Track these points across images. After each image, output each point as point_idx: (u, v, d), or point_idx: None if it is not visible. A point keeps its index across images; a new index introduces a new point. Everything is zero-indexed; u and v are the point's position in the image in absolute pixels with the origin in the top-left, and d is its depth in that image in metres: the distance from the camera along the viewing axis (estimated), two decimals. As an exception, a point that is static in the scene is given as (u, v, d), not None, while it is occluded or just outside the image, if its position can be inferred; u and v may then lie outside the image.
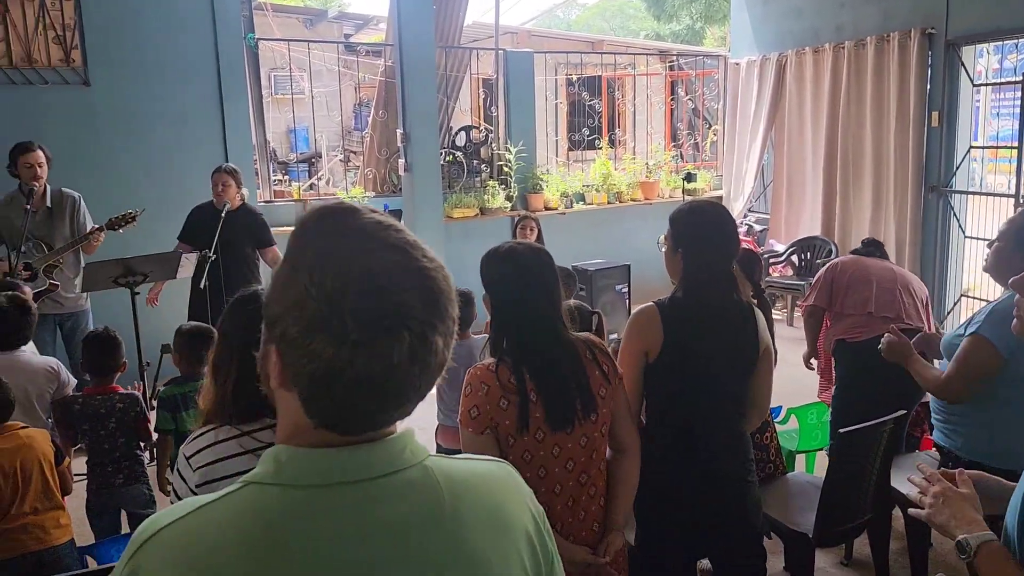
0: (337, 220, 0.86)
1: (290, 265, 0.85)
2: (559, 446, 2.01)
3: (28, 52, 5.63)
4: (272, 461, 0.87)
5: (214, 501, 0.85)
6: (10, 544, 2.65)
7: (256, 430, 1.76)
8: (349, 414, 0.84)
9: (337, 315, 0.80)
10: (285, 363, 0.84)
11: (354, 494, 0.85)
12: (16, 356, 3.19)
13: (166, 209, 5.36)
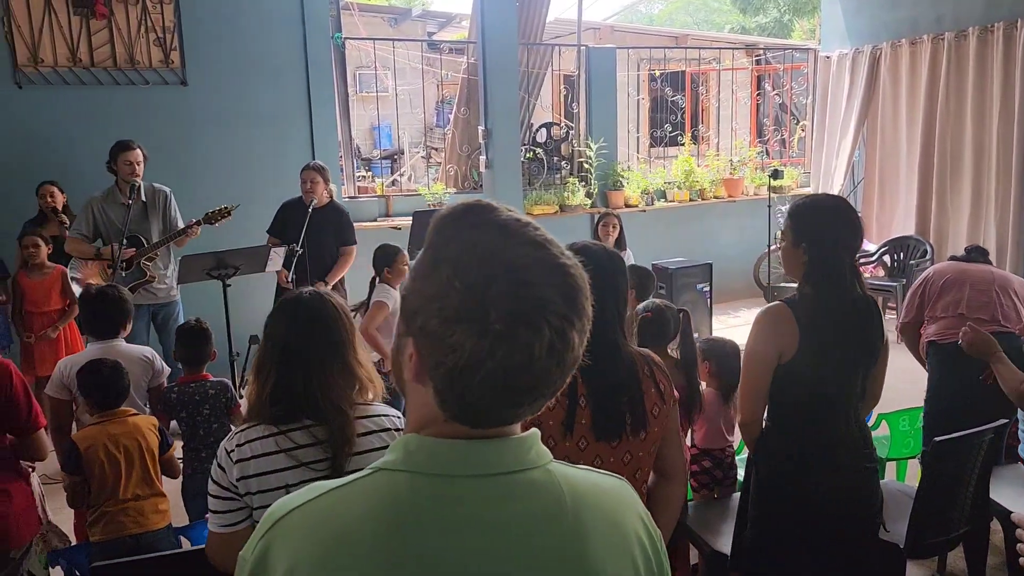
0: (478, 215, 0.87)
1: (431, 258, 0.87)
2: (600, 458, 1.94)
3: (131, 54, 5.90)
4: (401, 449, 0.89)
5: (344, 485, 0.88)
6: (112, 526, 2.78)
7: (292, 429, 1.80)
8: (484, 407, 0.85)
9: (480, 306, 0.81)
10: (423, 356, 0.85)
11: (481, 487, 0.86)
12: (113, 345, 3.32)
13: (256, 204, 5.53)
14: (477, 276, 0.82)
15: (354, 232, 5.40)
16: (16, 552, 2.66)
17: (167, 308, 5.06)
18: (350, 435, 1.80)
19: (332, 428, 1.79)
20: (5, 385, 2.56)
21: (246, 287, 5.20)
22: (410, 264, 3.69)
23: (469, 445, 0.87)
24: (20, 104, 5.55)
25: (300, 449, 1.78)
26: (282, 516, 0.87)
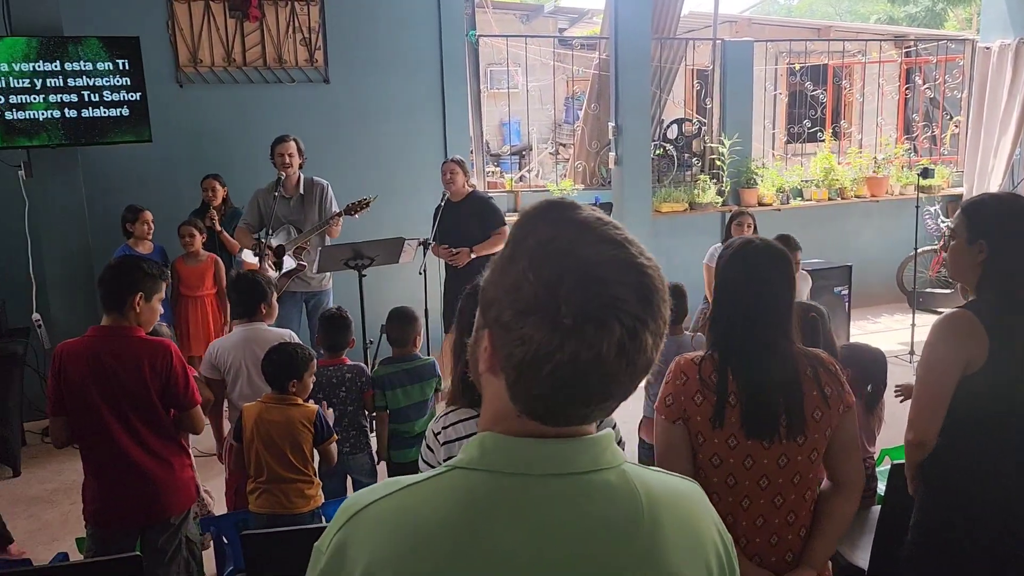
0: (559, 212, 0.88)
1: (510, 252, 0.88)
2: (752, 457, 1.88)
3: (279, 54, 6.22)
4: (477, 447, 0.89)
5: (420, 482, 0.89)
6: (261, 501, 2.96)
7: None
8: (552, 402, 0.85)
9: (552, 300, 0.81)
10: (496, 347, 0.86)
11: (556, 487, 0.86)
12: (256, 327, 3.51)
13: (393, 197, 5.71)
14: (551, 270, 0.82)
15: (501, 215, 5.44)
16: (176, 518, 2.88)
17: (318, 296, 5.30)
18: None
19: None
20: (166, 363, 2.77)
21: (381, 278, 5.38)
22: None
23: (544, 444, 0.86)
24: (181, 102, 5.96)
25: None
26: (359, 511, 0.87)
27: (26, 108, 5.07)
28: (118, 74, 5.25)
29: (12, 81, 5.01)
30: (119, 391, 2.72)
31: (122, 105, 5.29)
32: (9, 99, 5.01)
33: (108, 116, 5.26)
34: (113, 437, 2.75)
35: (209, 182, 5.55)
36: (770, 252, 1.95)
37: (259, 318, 3.52)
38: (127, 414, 2.75)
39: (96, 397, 2.71)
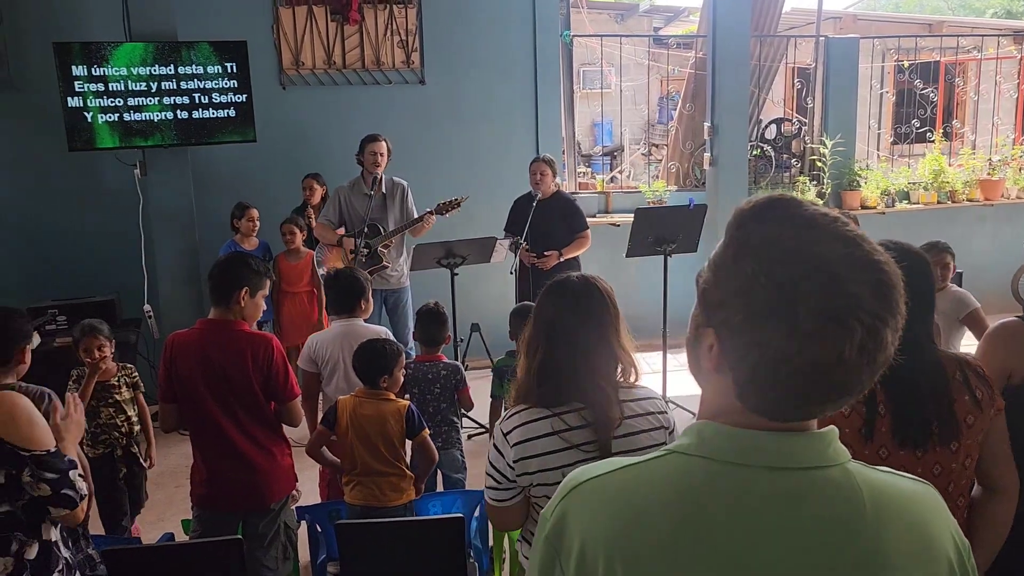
0: (783, 209, 0.86)
1: (733, 252, 0.86)
2: (905, 468, 1.79)
3: (377, 56, 6.36)
4: (695, 434, 0.90)
5: (639, 463, 0.90)
6: (355, 493, 3.02)
7: (564, 412, 1.83)
8: (787, 403, 0.84)
9: (787, 303, 0.80)
10: (725, 349, 0.86)
11: (776, 480, 0.85)
12: (353, 323, 3.59)
13: (483, 197, 5.75)
14: (784, 272, 0.81)
15: (584, 218, 5.46)
16: (276, 504, 2.97)
17: (398, 294, 5.40)
18: (613, 416, 1.82)
19: (595, 409, 1.82)
20: (268, 357, 2.86)
21: (472, 277, 5.43)
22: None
23: (767, 436, 0.86)
24: (284, 103, 6.17)
25: (572, 431, 1.82)
26: (579, 484, 0.90)
27: (142, 110, 5.35)
28: (226, 77, 5.47)
29: (130, 84, 5.29)
30: (224, 382, 2.83)
31: (229, 106, 5.51)
32: (127, 101, 5.30)
33: (216, 117, 5.49)
34: (218, 425, 2.86)
35: (308, 181, 5.72)
36: (908, 251, 1.88)
37: (356, 314, 3.60)
38: (231, 403, 2.85)
39: (203, 386, 2.83)
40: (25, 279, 5.72)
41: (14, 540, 1.95)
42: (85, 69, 5.18)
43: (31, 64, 5.67)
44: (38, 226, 5.85)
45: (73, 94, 5.18)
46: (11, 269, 5.77)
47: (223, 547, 2.41)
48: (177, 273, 5.59)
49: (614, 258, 5.39)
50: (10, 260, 5.79)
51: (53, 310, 5.01)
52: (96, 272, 5.78)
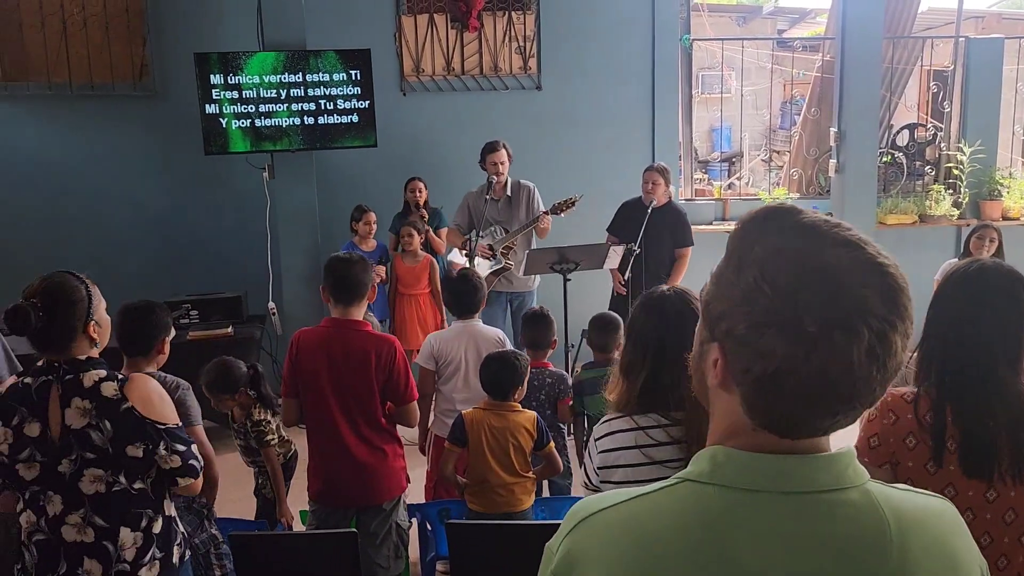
0: (783, 219, 0.85)
1: (735, 262, 0.85)
2: (972, 510, 1.65)
3: (495, 62, 6.44)
4: (708, 460, 0.86)
5: (649, 493, 0.87)
6: (485, 500, 3.02)
7: (650, 428, 1.81)
8: (797, 415, 0.81)
9: (791, 310, 0.78)
10: (730, 361, 0.83)
11: (795, 505, 0.81)
12: (471, 324, 3.63)
13: (596, 203, 5.71)
14: (787, 279, 0.79)
15: (691, 234, 5.38)
16: (388, 504, 3.03)
17: (523, 297, 5.42)
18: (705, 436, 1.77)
19: (690, 428, 1.79)
20: (391, 358, 2.93)
21: (585, 283, 5.40)
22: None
23: (781, 460, 0.82)
24: (404, 109, 6.33)
25: (657, 447, 1.80)
26: (587, 516, 0.87)
27: (272, 116, 5.60)
28: (350, 84, 5.66)
29: (262, 92, 5.56)
30: (345, 380, 2.91)
31: (352, 112, 5.69)
32: (259, 108, 5.56)
33: (340, 123, 5.69)
34: (335, 422, 2.94)
35: (415, 183, 5.83)
36: (1004, 272, 1.74)
37: (476, 315, 3.65)
38: (349, 401, 2.93)
39: (325, 383, 2.92)
40: (162, 274, 6.08)
41: (144, 516, 2.07)
42: (222, 77, 5.47)
43: (173, 74, 6.04)
44: (175, 225, 6.22)
45: (210, 101, 5.47)
46: (149, 264, 6.15)
47: (338, 540, 2.48)
48: (300, 272, 5.82)
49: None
50: (149, 256, 6.17)
51: (187, 304, 5.31)
52: (226, 270, 6.09)
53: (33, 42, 5.94)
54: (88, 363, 2.04)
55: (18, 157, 5.96)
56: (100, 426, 1.98)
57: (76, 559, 2.01)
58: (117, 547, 2.02)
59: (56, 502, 2.01)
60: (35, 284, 2.03)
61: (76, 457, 1.99)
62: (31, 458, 2.00)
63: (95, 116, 6.06)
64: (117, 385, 2.02)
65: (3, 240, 5.58)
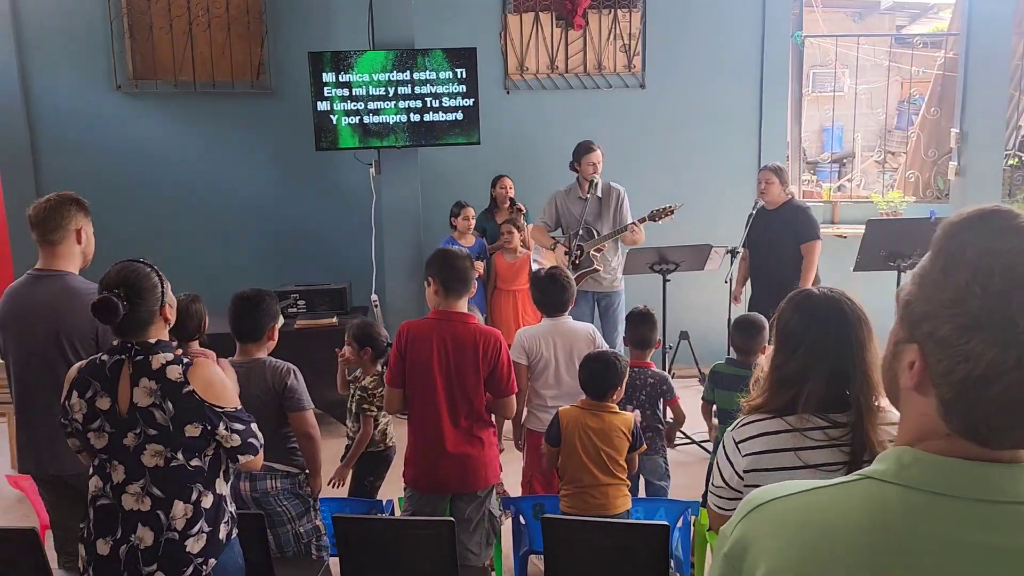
0: (1000, 220, 0.82)
1: (942, 263, 0.82)
2: None
3: (599, 60, 6.42)
4: (893, 460, 0.84)
5: (828, 486, 0.86)
6: (582, 502, 3.02)
7: (807, 429, 1.75)
8: (997, 422, 0.78)
9: (1003, 314, 0.76)
10: (930, 364, 0.81)
11: (985, 514, 0.78)
12: (562, 321, 3.64)
13: (701, 203, 5.62)
14: (1001, 282, 0.76)
15: (816, 227, 5.15)
16: (482, 492, 3.08)
17: (610, 297, 5.40)
18: (873, 441, 1.72)
19: (855, 432, 1.74)
20: (496, 351, 2.97)
21: (683, 284, 5.32)
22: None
23: (975, 466, 0.79)
24: (507, 107, 6.39)
25: (812, 451, 1.76)
26: (763, 503, 0.88)
27: (379, 113, 5.75)
28: (456, 82, 5.75)
29: (371, 89, 5.72)
30: (453, 371, 2.97)
31: (457, 110, 5.78)
32: (368, 105, 5.72)
33: (445, 120, 5.79)
34: (438, 411, 3.00)
35: (504, 180, 5.87)
36: None
37: (565, 313, 3.65)
38: (455, 393, 2.98)
39: (434, 374, 2.98)
40: (271, 264, 6.34)
41: (195, 490, 2.18)
42: (334, 76, 5.66)
43: (287, 73, 6.29)
44: (285, 218, 6.47)
45: (322, 99, 5.67)
46: (259, 254, 6.43)
47: (436, 527, 2.53)
48: (402, 266, 5.95)
49: (839, 271, 5.06)
50: (259, 246, 6.45)
51: (295, 295, 5.51)
52: (331, 262, 6.30)
53: (162, 42, 6.30)
54: (157, 346, 2.19)
55: (143, 150, 6.33)
56: (163, 406, 2.12)
57: (131, 525, 2.15)
58: (169, 517, 2.15)
59: (120, 471, 2.16)
60: (112, 274, 2.17)
61: (140, 432, 2.14)
62: (101, 428, 2.16)
63: (215, 113, 6.37)
64: (181, 369, 2.15)
65: (126, 228, 5.92)
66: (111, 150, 6.29)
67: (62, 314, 2.77)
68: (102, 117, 6.28)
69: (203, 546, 2.17)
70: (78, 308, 2.70)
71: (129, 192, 6.28)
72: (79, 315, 2.69)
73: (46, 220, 2.82)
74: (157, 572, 2.13)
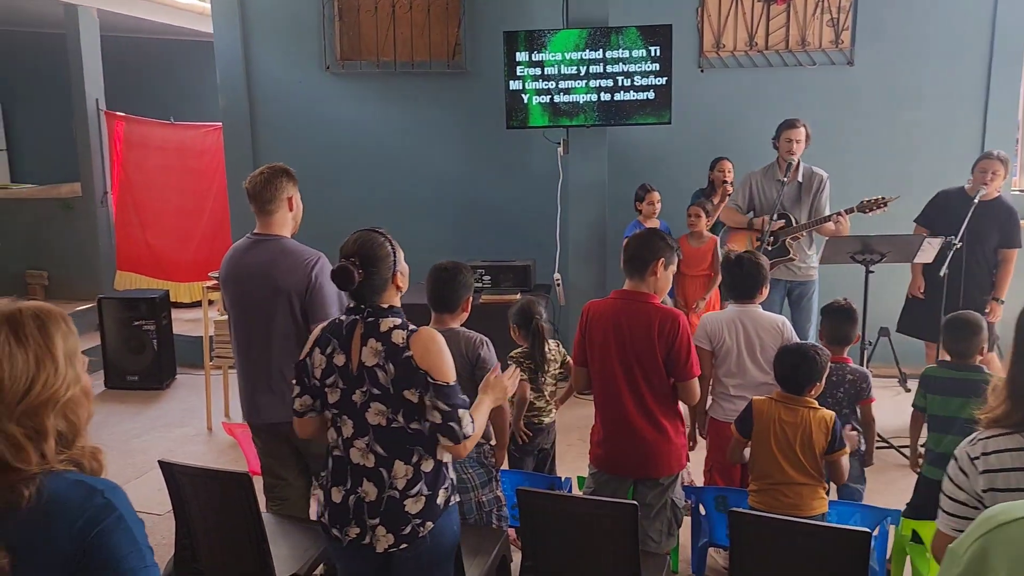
0: None
1: None
2: None
3: (803, 36, 6.06)
4: None
5: None
6: (772, 500, 2.89)
7: None
8: None
9: None
10: None
11: None
12: (749, 308, 3.47)
13: (911, 192, 5.18)
14: None
15: (1020, 233, 4.74)
16: (665, 479, 3.02)
17: (803, 287, 5.13)
18: None
19: None
20: (674, 331, 2.90)
21: (885, 276, 4.94)
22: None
23: None
24: (701, 86, 6.18)
25: None
26: (1005, 522, 0.81)
27: (570, 92, 5.74)
28: (649, 60, 5.63)
29: (562, 68, 5.72)
30: (630, 350, 2.93)
31: (649, 89, 5.67)
32: (559, 84, 5.73)
33: (635, 99, 5.69)
34: (619, 391, 2.98)
35: (723, 163, 5.68)
36: None
37: (754, 300, 3.49)
38: (635, 373, 2.94)
39: (612, 353, 2.96)
40: (458, 239, 6.53)
41: (416, 452, 2.25)
42: (527, 55, 5.71)
43: (481, 53, 6.42)
44: (474, 193, 6.64)
45: (515, 78, 5.74)
46: (448, 229, 6.64)
47: (619, 510, 2.50)
48: (585, 246, 5.94)
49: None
50: (448, 221, 6.65)
51: (480, 270, 5.65)
52: (517, 239, 6.40)
53: (367, 24, 6.62)
54: (388, 311, 2.27)
55: (345, 127, 6.70)
56: (385, 367, 2.20)
57: (358, 479, 2.26)
58: (390, 475, 2.23)
59: (348, 426, 2.27)
60: (350, 243, 2.27)
61: (366, 390, 2.23)
62: (335, 384, 2.27)
63: (412, 92, 6.63)
64: (406, 335, 2.22)
65: (331, 199, 6.32)
66: (319, 126, 6.71)
67: (278, 273, 3.01)
68: (312, 96, 6.71)
69: (421, 508, 2.25)
70: (292, 267, 2.99)
71: (335, 165, 6.68)
72: (293, 273, 2.98)
73: (262, 193, 3.06)
74: (379, 526, 2.24)
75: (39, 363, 1.30)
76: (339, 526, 2.29)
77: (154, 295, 6.40)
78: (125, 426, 5.54)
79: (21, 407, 1.27)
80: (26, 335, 1.31)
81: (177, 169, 7.87)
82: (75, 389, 1.34)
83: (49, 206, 8.17)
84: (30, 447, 1.26)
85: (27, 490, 1.24)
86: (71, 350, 1.36)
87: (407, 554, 2.26)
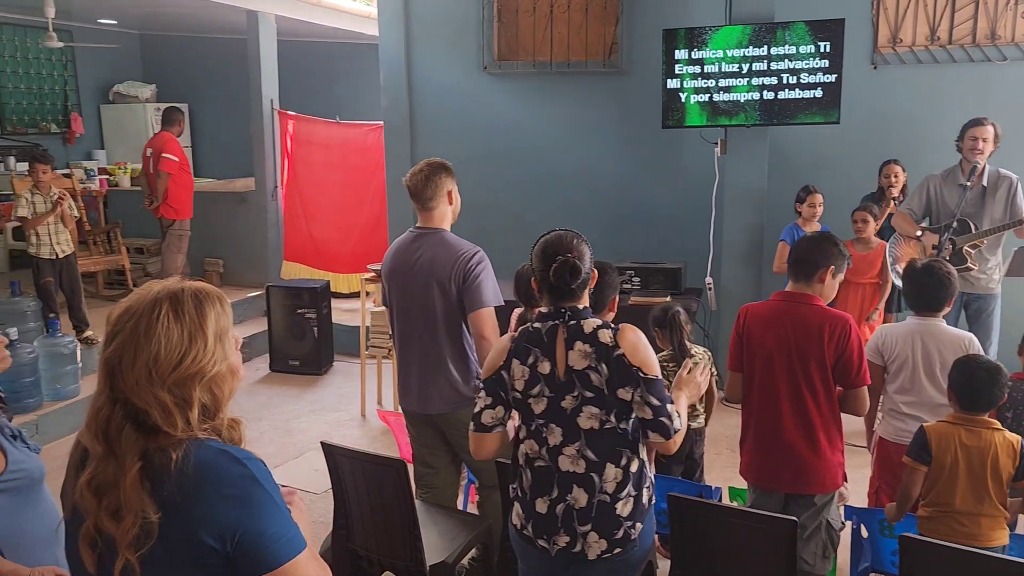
0: None
1: None
2: None
3: (993, 29, 5.57)
4: None
5: None
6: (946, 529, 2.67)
7: None
8: None
9: None
10: None
11: None
12: (931, 323, 3.21)
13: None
14: None
15: None
16: (819, 498, 2.85)
17: (982, 300, 4.73)
18: None
19: None
20: (845, 336, 2.74)
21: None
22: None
23: None
24: (873, 84, 5.82)
25: None
26: None
27: (730, 91, 5.55)
28: (818, 56, 5.35)
29: (723, 66, 5.54)
30: (796, 356, 2.79)
31: (816, 87, 5.38)
32: (719, 82, 5.56)
33: (801, 98, 5.42)
34: (778, 399, 2.84)
35: (891, 167, 5.33)
36: None
37: (939, 314, 3.23)
38: (798, 379, 2.80)
39: (773, 358, 2.83)
40: (610, 239, 6.45)
41: (624, 454, 2.21)
42: (686, 53, 5.57)
43: (638, 51, 6.33)
44: (627, 193, 6.55)
45: (673, 76, 5.62)
46: (600, 228, 6.55)
47: (776, 525, 2.38)
48: (740, 250, 5.74)
49: None
50: (600, 221, 6.59)
51: (630, 271, 5.57)
52: (668, 240, 6.28)
53: (524, 25, 6.69)
54: (585, 312, 2.25)
55: (501, 127, 6.80)
56: (598, 368, 2.16)
57: (567, 486, 2.22)
58: (602, 479, 2.19)
59: (556, 434, 2.23)
60: (553, 241, 2.27)
61: (578, 395, 2.19)
62: (540, 394, 2.24)
63: (568, 91, 6.63)
64: (612, 333, 2.19)
65: (488, 196, 6.44)
66: (475, 125, 6.85)
67: (437, 264, 3.10)
68: (469, 96, 6.85)
69: (631, 510, 2.22)
70: (452, 259, 3.09)
71: (490, 164, 6.80)
72: (453, 265, 3.08)
73: (423, 190, 3.15)
74: (591, 532, 2.20)
75: (192, 339, 1.38)
76: (546, 536, 2.25)
77: (316, 285, 6.74)
78: (287, 408, 5.88)
79: (172, 377, 1.35)
80: (183, 312, 1.39)
81: (340, 166, 8.25)
82: (221, 366, 1.42)
83: (227, 199, 8.77)
84: (177, 414, 1.35)
85: (175, 453, 1.33)
86: (222, 329, 1.43)
87: (619, 558, 2.22)
